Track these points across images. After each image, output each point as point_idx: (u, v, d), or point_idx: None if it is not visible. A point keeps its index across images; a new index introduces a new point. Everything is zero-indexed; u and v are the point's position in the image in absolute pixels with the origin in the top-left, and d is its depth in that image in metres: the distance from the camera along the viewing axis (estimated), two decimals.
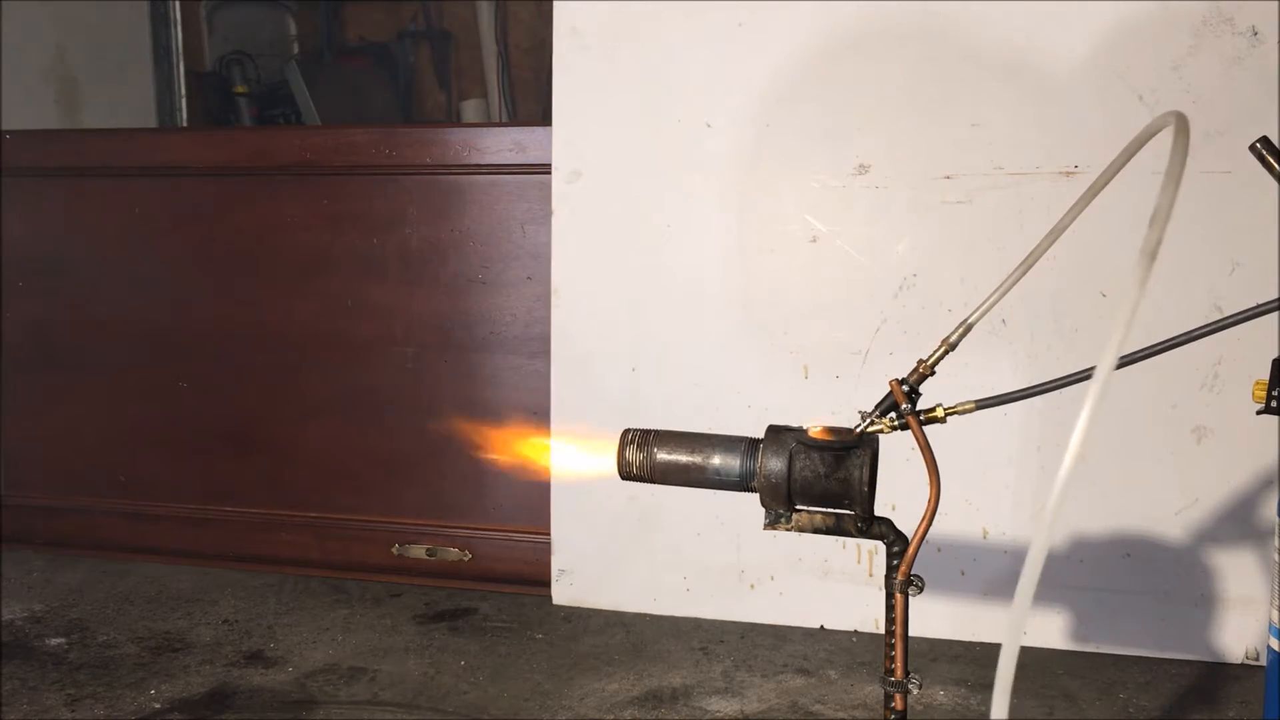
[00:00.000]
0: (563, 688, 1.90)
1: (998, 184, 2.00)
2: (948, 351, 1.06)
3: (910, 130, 2.04)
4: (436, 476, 2.39)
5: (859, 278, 2.09)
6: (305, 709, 1.81)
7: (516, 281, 2.31)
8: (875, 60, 2.04)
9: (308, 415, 2.44)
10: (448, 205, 2.33)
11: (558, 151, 2.19)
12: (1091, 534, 2.03)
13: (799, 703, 1.84)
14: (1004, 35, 1.98)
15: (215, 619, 2.21)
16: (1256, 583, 1.96)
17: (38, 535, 2.61)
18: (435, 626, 2.18)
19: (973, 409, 1.03)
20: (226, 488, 2.50)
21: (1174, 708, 1.83)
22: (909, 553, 0.99)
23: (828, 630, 2.16)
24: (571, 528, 2.27)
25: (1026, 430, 2.03)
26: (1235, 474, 1.96)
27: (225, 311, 2.45)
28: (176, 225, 2.47)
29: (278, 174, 2.40)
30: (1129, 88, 1.93)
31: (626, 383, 2.19)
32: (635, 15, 2.13)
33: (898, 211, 2.05)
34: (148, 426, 2.53)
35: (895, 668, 1.00)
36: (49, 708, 1.81)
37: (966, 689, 1.89)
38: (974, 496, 2.06)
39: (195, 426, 2.50)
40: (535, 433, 2.11)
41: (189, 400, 2.49)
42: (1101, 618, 2.04)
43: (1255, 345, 1.89)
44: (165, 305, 2.48)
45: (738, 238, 2.14)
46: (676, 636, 2.13)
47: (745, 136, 2.10)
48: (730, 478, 1.03)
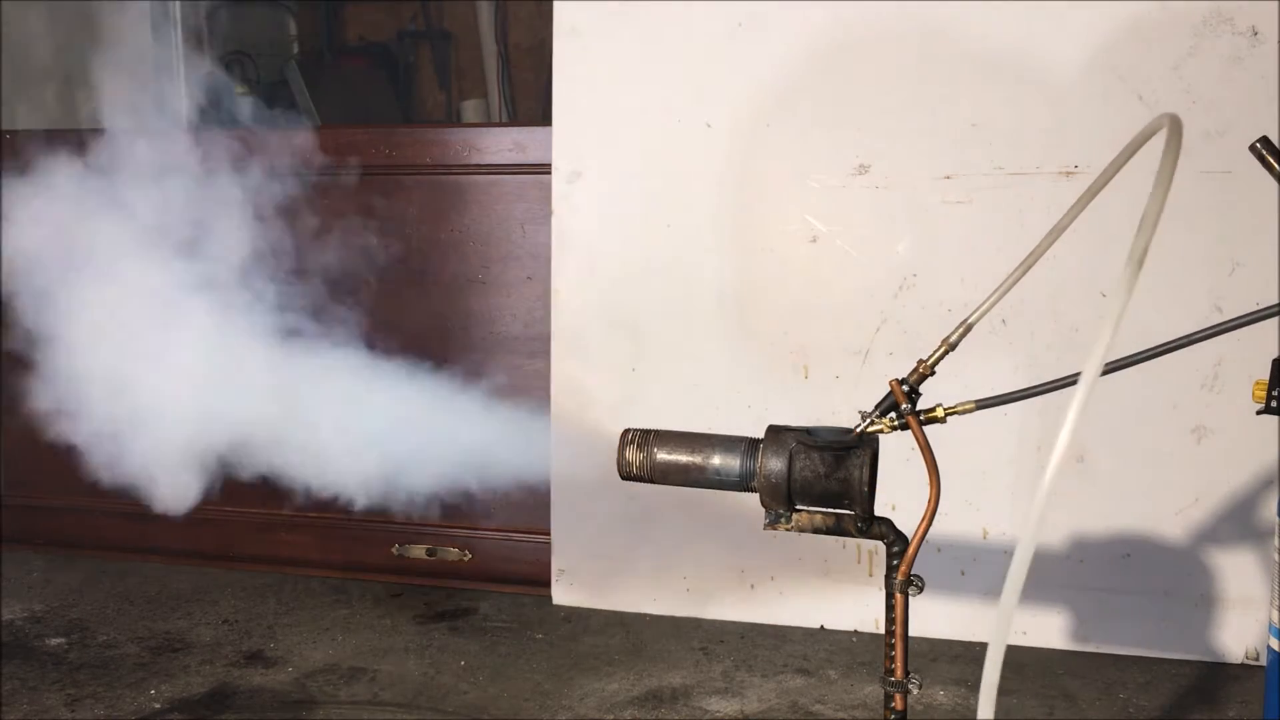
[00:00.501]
0: (563, 688, 1.90)
1: (998, 184, 2.00)
2: (948, 351, 1.06)
3: (910, 130, 2.03)
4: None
5: (859, 278, 2.09)
6: (305, 709, 1.81)
7: (516, 281, 2.31)
8: (875, 60, 2.04)
9: None
10: (447, 205, 2.33)
11: (558, 151, 2.19)
12: (1091, 534, 2.03)
13: (799, 703, 1.84)
14: (1004, 35, 1.98)
15: (215, 619, 2.21)
16: (1256, 583, 1.96)
17: (38, 535, 2.61)
18: (435, 626, 2.18)
19: (973, 409, 1.03)
20: (226, 488, 2.50)
21: (1174, 708, 1.83)
22: (909, 553, 0.99)
23: (828, 630, 2.16)
24: (571, 528, 2.27)
25: (1026, 430, 2.03)
26: (1235, 474, 1.96)
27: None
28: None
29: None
30: (1129, 88, 1.93)
31: (626, 383, 2.19)
32: (635, 15, 2.13)
33: (898, 211, 2.05)
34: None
35: (895, 668, 1.00)
36: (49, 708, 1.81)
37: (966, 689, 1.88)
38: (974, 496, 2.06)
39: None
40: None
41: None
42: (1101, 618, 2.04)
43: (1255, 345, 1.89)
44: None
45: (738, 238, 2.14)
46: (676, 636, 2.13)
47: (745, 137, 2.10)
48: (730, 478, 1.03)
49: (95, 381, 1.56)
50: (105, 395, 1.56)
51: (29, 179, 1.67)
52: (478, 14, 3.94)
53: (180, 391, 1.54)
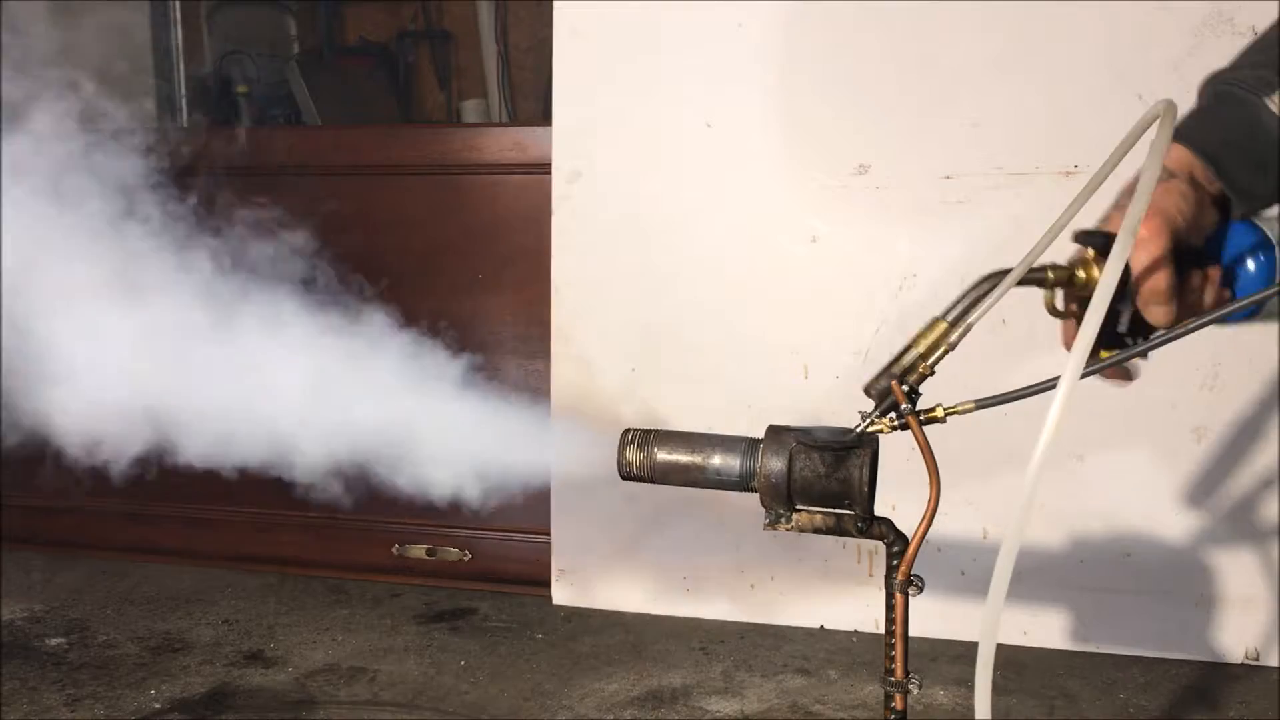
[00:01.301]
0: (563, 688, 1.90)
1: (998, 184, 2.00)
2: (947, 351, 1.06)
3: (910, 130, 2.03)
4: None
5: (859, 278, 2.09)
6: (305, 709, 1.81)
7: (516, 281, 2.31)
8: (875, 60, 2.04)
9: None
10: (447, 205, 2.32)
11: (558, 151, 2.19)
12: (1091, 534, 2.03)
13: (799, 703, 1.84)
14: (1004, 35, 1.98)
15: (215, 619, 2.21)
16: (1256, 583, 1.95)
17: (38, 535, 2.61)
18: (435, 626, 2.18)
19: (973, 409, 1.03)
20: (227, 488, 2.50)
21: (1174, 708, 1.83)
22: (909, 553, 0.99)
23: (828, 630, 2.16)
24: (571, 528, 2.27)
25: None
26: (1235, 474, 1.96)
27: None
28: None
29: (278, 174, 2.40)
30: (1129, 87, 1.93)
31: (626, 382, 2.19)
32: (635, 15, 2.13)
33: (898, 211, 2.05)
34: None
35: (895, 668, 1.00)
36: (49, 708, 1.81)
37: (967, 689, 1.88)
38: (974, 496, 2.06)
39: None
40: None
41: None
42: (1101, 618, 2.04)
43: (1255, 345, 1.89)
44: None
45: (738, 237, 2.14)
46: (676, 636, 2.13)
47: (745, 136, 2.10)
48: (730, 478, 1.02)
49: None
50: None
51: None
52: (478, 14, 3.94)
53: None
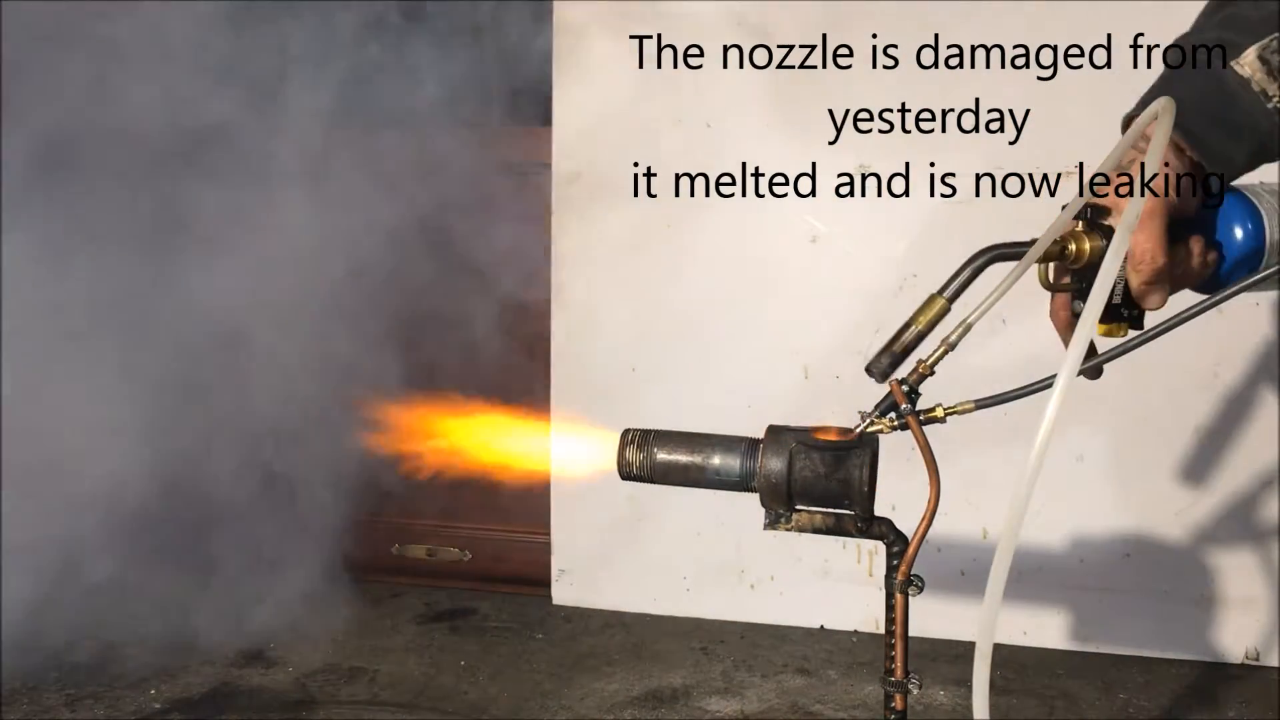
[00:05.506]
0: (563, 688, 1.90)
1: (997, 184, 2.00)
2: (947, 351, 1.06)
3: (910, 129, 2.03)
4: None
5: (859, 278, 2.09)
6: (305, 709, 1.81)
7: (516, 281, 2.30)
8: (875, 59, 2.03)
9: None
10: (447, 205, 2.32)
11: (558, 151, 2.19)
12: (1091, 534, 2.03)
13: (799, 703, 1.84)
14: (1004, 34, 1.97)
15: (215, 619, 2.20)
16: (1256, 583, 1.95)
17: None
18: (435, 626, 2.18)
19: (972, 409, 1.03)
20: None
21: (1174, 708, 1.83)
22: (909, 553, 0.99)
23: (828, 630, 2.16)
24: (571, 528, 2.27)
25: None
26: (1235, 474, 1.96)
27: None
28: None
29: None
30: (1129, 88, 1.92)
31: (626, 382, 2.19)
32: (635, 15, 2.13)
33: (898, 211, 2.05)
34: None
35: (895, 668, 1.00)
36: (49, 708, 1.81)
37: (966, 689, 1.88)
38: (974, 496, 2.06)
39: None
40: (535, 433, 2.10)
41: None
42: (1101, 618, 2.04)
43: (1255, 345, 1.89)
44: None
45: (737, 237, 2.14)
46: (676, 636, 2.13)
47: (745, 136, 2.10)
48: (730, 478, 1.02)
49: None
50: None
51: None
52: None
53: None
